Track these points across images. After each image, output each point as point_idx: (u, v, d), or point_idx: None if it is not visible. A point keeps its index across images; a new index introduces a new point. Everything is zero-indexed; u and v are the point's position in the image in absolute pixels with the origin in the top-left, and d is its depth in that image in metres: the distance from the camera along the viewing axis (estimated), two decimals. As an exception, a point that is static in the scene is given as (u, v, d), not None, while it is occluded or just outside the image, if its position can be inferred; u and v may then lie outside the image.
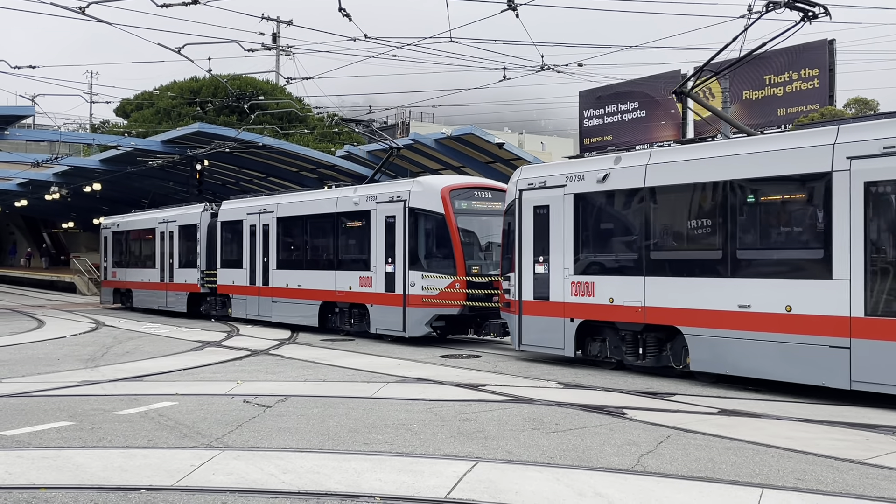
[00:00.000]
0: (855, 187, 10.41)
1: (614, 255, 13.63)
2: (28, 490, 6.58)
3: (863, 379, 10.31)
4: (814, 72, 32.14)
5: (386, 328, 18.47)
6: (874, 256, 10.25)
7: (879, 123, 10.57)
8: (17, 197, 49.58)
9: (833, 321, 10.56)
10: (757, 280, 11.49)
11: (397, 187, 18.70)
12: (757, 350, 11.45)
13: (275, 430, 8.84)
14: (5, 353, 16.64)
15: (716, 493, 6.52)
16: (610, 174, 13.55)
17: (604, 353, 13.96)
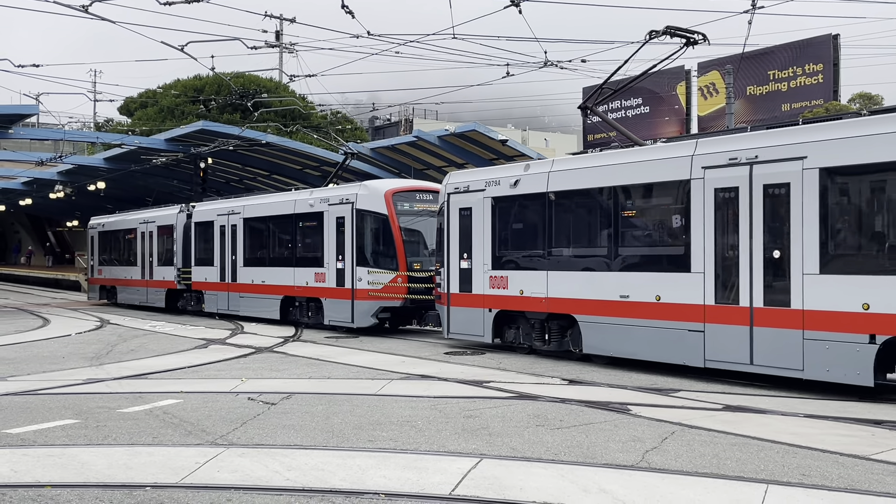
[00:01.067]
0: (707, 193, 12.10)
1: (524, 252, 15.23)
2: (33, 488, 6.59)
3: (713, 358, 11.98)
4: (818, 67, 32.05)
5: (337, 320, 20.03)
6: (722, 252, 11.89)
7: (727, 138, 12.27)
8: (21, 196, 49.69)
9: (691, 308, 12.23)
10: (634, 273, 13.19)
11: (346, 190, 20.34)
12: (635, 334, 13.11)
13: (279, 428, 8.85)
14: (10, 351, 16.68)
15: (721, 489, 6.51)
16: (520, 180, 15.21)
17: (517, 339, 15.56)
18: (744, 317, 11.53)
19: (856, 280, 10.40)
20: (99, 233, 34.23)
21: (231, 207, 24.75)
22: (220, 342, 18.27)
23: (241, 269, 23.97)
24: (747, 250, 11.54)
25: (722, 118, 31.21)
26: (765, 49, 33.33)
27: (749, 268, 11.51)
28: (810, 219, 10.85)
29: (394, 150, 32.11)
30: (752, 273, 11.49)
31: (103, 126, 60.13)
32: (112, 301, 32.67)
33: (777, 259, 11.21)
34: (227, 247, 24.71)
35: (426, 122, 57.88)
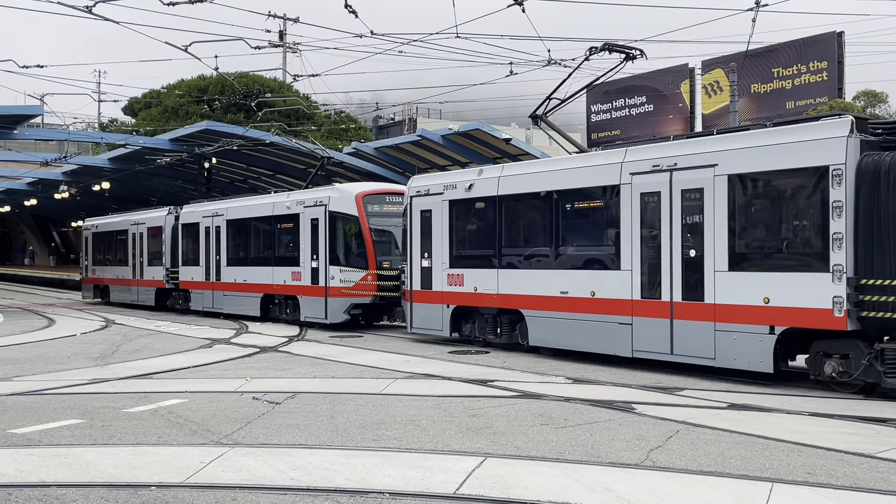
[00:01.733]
0: (634, 197, 13.16)
1: (478, 251, 16.38)
2: (39, 488, 6.61)
3: (640, 348, 13.11)
4: (822, 64, 31.98)
5: (312, 316, 21.15)
6: (647, 252, 12.97)
7: (652, 146, 13.32)
8: (26, 196, 49.83)
9: (621, 303, 13.34)
10: (573, 271, 14.32)
11: (320, 193, 21.43)
12: (574, 327, 14.24)
13: (284, 427, 8.86)
14: (16, 351, 16.72)
15: (726, 488, 6.50)
16: (474, 184, 16.29)
17: (473, 333, 16.69)
18: (665, 311, 12.67)
19: (758, 277, 11.51)
20: (93, 234, 35.08)
21: (215, 209, 25.84)
22: (225, 342, 18.30)
23: (225, 268, 25.02)
24: (668, 250, 12.63)
25: (726, 116, 31.15)
26: (769, 47, 33.26)
27: (670, 266, 12.61)
28: (720, 221, 11.92)
29: (397, 149, 32.11)
30: (672, 271, 12.58)
31: (108, 126, 60.23)
32: (105, 300, 33.46)
33: (693, 258, 12.30)
34: (211, 247, 25.75)
35: (430, 121, 57.83)
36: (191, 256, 27.05)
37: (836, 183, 10.66)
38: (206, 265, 25.96)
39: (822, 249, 10.84)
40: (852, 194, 10.57)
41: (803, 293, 10.95)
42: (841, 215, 10.60)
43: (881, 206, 10.33)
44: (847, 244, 10.57)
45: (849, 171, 10.58)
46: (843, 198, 10.56)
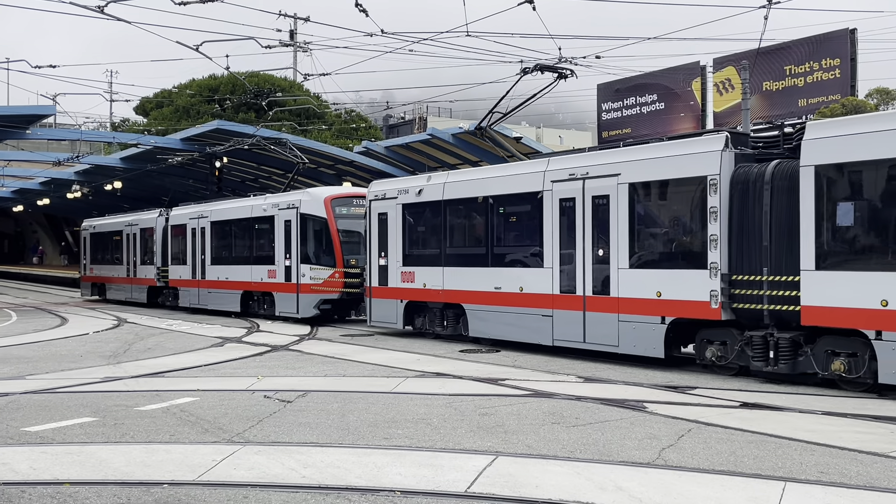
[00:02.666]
0: (554, 202, 14.68)
1: (426, 251, 17.85)
2: (52, 485, 6.65)
3: (559, 338, 14.62)
4: (835, 62, 31.78)
5: (285, 311, 22.60)
6: (565, 251, 14.47)
7: (570, 157, 14.94)
8: (39, 195, 50.10)
9: (544, 297, 14.85)
10: (505, 269, 15.85)
11: (293, 197, 22.93)
12: (505, 319, 15.77)
13: (295, 425, 8.88)
14: (29, 350, 16.82)
15: (738, 487, 6.47)
16: (423, 189, 17.82)
17: (424, 326, 18.19)
18: (579, 304, 14.22)
19: (652, 273, 13.05)
20: (90, 234, 36.53)
21: (200, 212, 27.39)
22: (236, 340, 18.36)
23: (209, 267, 26.61)
24: (582, 250, 14.18)
25: (738, 114, 31.01)
26: (781, 44, 33.09)
27: (583, 264, 14.16)
28: (623, 224, 13.47)
29: (408, 148, 32.13)
30: (584, 268, 14.14)
31: (119, 126, 60.50)
32: (103, 297, 35.06)
33: (602, 256, 13.85)
34: (197, 247, 27.30)
35: (440, 120, 57.83)
36: (179, 256, 28.57)
37: (712, 191, 12.13)
38: (193, 264, 27.50)
39: (701, 249, 12.32)
40: (726, 201, 12.02)
41: (687, 288, 12.47)
42: (716, 219, 12.07)
43: (749, 211, 11.76)
44: (721, 244, 12.04)
45: (723, 181, 12.04)
46: (718, 204, 12.03)
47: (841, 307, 10.65)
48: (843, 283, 10.65)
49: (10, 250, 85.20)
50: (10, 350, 16.74)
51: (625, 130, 38.54)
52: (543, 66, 16.22)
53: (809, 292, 10.95)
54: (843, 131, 10.85)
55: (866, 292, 10.40)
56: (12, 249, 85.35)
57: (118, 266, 33.31)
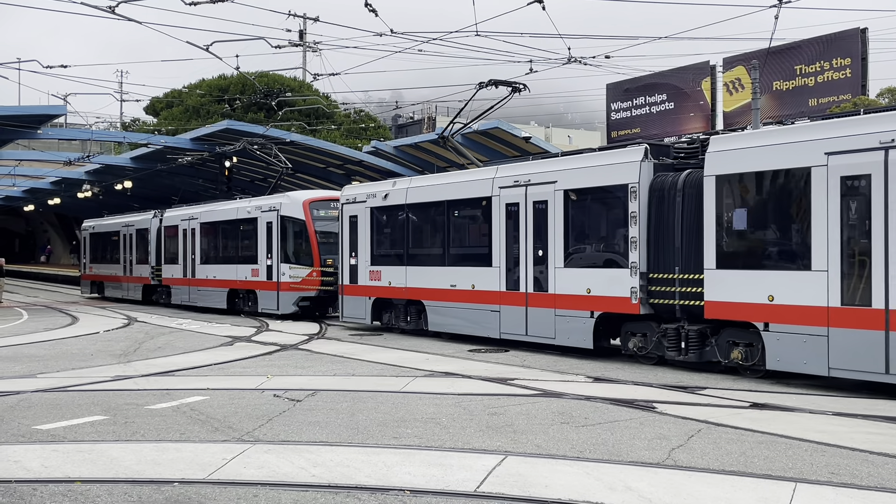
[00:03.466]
0: (501, 206, 15.93)
1: (392, 251, 19.17)
2: (63, 483, 6.68)
3: (505, 331, 15.89)
4: (846, 61, 31.63)
5: (267, 308, 23.90)
6: (510, 251, 15.76)
7: (516, 164, 16.09)
8: (50, 195, 50.32)
9: (493, 294, 16.14)
10: (459, 268, 17.14)
11: (274, 200, 24.23)
12: (460, 314, 17.06)
13: (305, 424, 8.90)
14: (40, 348, 16.91)
15: (748, 487, 6.45)
16: (389, 194, 19.08)
17: (390, 321, 19.39)
18: (522, 300, 15.50)
19: (583, 272, 14.37)
20: (90, 234, 38.01)
21: (191, 213, 28.63)
22: (246, 339, 18.40)
23: (199, 266, 27.94)
24: (524, 250, 15.41)
25: (748, 114, 30.91)
26: (791, 43, 32.97)
27: (525, 263, 15.39)
28: (559, 227, 14.70)
29: (417, 147, 32.15)
30: (527, 267, 15.37)
31: (130, 126, 60.72)
32: (102, 295, 36.50)
33: (541, 257, 15.08)
34: (188, 248, 28.64)
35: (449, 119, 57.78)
36: (172, 256, 29.90)
37: (632, 198, 13.39)
38: (184, 264, 28.86)
39: (623, 250, 13.64)
40: (645, 207, 13.30)
41: (612, 285, 13.76)
42: (636, 223, 13.36)
43: (665, 216, 13.03)
44: (641, 246, 13.34)
45: (642, 189, 13.30)
46: (637, 209, 13.32)
47: (736, 302, 12.01)
48: (737, 280, 11.98)
49: (20, 249, 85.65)
50: (21, 349, 16.83)
51: (634, 130, 38.45)
52: (497, 81, 17.65)
53: (711, 289, 12.28)
54: (738, 145, 12.11)
55: (756, 289, 11.71)
56: (23, 249, 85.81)
57: (116, 265, 34.69)
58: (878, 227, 10.37)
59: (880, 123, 10.51)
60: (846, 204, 10.76)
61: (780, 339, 11.41)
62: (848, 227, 10.75)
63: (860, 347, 10.49)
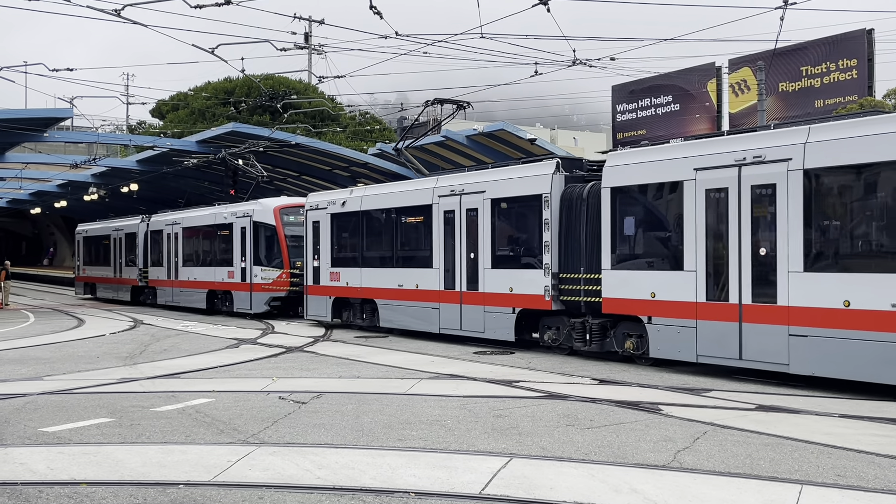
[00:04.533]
0: (440, 213, 17.62)
1: (349, 254, 20.80)
2: (69, 485, 6.70)
3: (444, 327, 17.56)
4: (852, 62, 31.53)
5: (242, 308, 25.56)
6: (448, 254, 17.41)
7: (452, 176, 17.84)
8: (56, 198, 50.45)
9: (433, 293, 17.79)
10: (405, 269, 18.69)
11: (247, 206, 26.06)
12: (406, 311, 18.64)
13: (310, 427, 8.90)
14: (47, 351, 16.96)
15: (754, 490, 6.44)
16: (346, 201, 20.80)
17: (348, 318, 21.01)
18: (458, 298, 17.19)
19: (507, 272, 15.99)
20: (83, 238, 39.92)
21: (174, 219, 30.48)
22: (252, 342, 18.43)
23: (181, 268, 29.73)
24: (459, 252, 17.06)
25: (753, 115, 30.84)
26: (797, 45, 32.87)
27: (460, 265, 17.05)
28: (486, 232, 16.42)
29: (422, 150, 32.14)
30: (461, 268, 17.04)
31: (136, 129, 60.87)
32: (94, 296, 38.34)
33: (473, 259, 16.77)
34: (171, 251, 30.42)
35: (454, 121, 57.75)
36: (157, 259, 31.69)
37: (546, 206, 15.06)
38: (168, 266, 30.64)
39: (539, 253, 15.30)
40: (557, 214, 14.99)
41: (530, 284, 15.43)
42: (549, 229, 15.02)
43: (573, 223, 14.73)
44: (553, 249, 15.02)
45: (554, 198, 14.98)
46: (550, 217, 15.00)
47: (626, 298, 13.70)
48: (627, 279, 13.67)
49: (27, 252, 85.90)
50: (27, 351, 16.88)
51: (640, 132, 38.39)
52: (442, 99, 19.74)
53: (607, 287, 13.97)
54: (628, 161, 13.75)
55: (642, 286, 13.42)
56: (29, 251, 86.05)
57: (107, 267, 36.55)
58: (733, 232, 12.09)
59: (736, 144, 12.24)
60: (709, 213, 12.46)
61: (660, 330, 13.16)
62: (711, 233, 12.43)
63: (721, 337, 12.23)
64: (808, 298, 11.20)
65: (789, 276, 11.42)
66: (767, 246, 11.73)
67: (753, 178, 11.90)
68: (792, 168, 11.44)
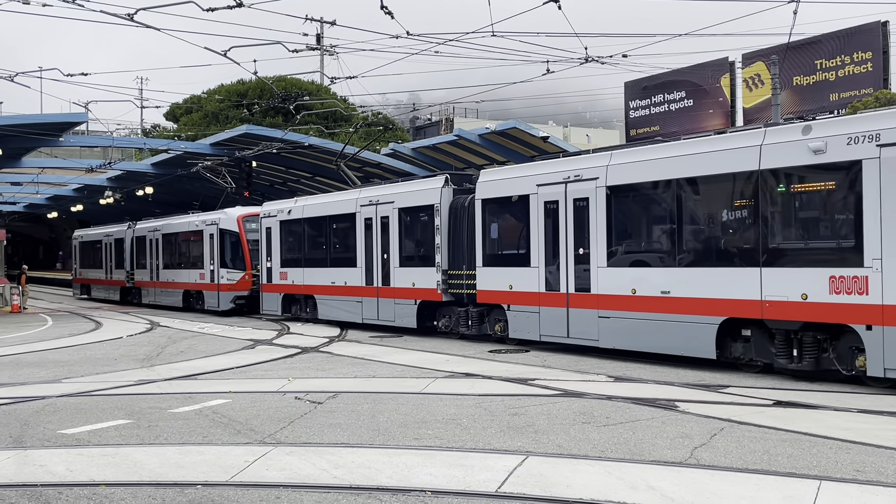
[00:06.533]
0: (361, 220, 20.62)
1: (294, 255, 23.86)
2: (88, 486, 6.74)
3: (366, 318, 20.54)
4: (867, 55, 31.27)
5: (211, 306, 28.71)
6: (367, 254, 20.39)
7: (371, 188, 20.96)
8: (72, 202, 50.78)
9: (358, 289, 20.80)
10: (336, 268, 21.72)
11: (215, 215, 29.04)
12: (338, 305, 21.73)
13: (326, 426, 8.93)
14: (65, 353, 17.08)
15: (772, 486, 6.40)
16: (292, 209, 23.91)
17: (296, 312, 23.95)
18: (374, 293, 20.16)
19: (411, 270, 18.94)
20: (79, 243, 43.49)
21: (155, 226, 33.65)
22: (267, 343, 18.50)
23: (162, 271, 32.89)
24: (376, 254, 20.09)
25: (768, 109, 30.66)
26: (811, 38, 32.64)
27: (377, 264, 20.06)
28: (395, 236, 19.41)
29: (435, 149, 32.15)
30: (377, 267, 20.06)
31: (150, 132, 61.19)
32: (89, 296, 41.60)
33: (386, 259, 19.66)
34: (153, 255, 33.68)
35: (467, 120, 57.70)
36: (142, 262, 35.03)
37: (437, 215, 18.08)
38: (150, 268, 33.96)
39: (433, 253, 18.21)
40: (446, 221, 17.97)
41: (427, 279, 18.40)
42: (440, 233, 18.03)
43: (458, 228, 17.67)
44: (443, 250, 18.00)
45: (443, 207, 18.04)
46: (440, 223, 18.05)
47: (493, 290, 16.74)
48: (493, 274, 16.73)
49: (44, 256, 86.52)
50: (46, 354, 17.01)
51: (653, 128, 38.23)
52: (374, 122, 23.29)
53: (480, 281, 17.03)
54: (493, 177, 16.95)
55: (503, 280, 16.42)
56: (47, 255, 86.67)
57: (99, 270, 40.00)
58: (562, 236, 15.08)
59: (565, 165, 15.16)
60: (547, 221, 15.40)
61: (516, 315, 16.18)
62: (548, 237, 15.37)
63: (555, 320, 15.23)
64: (609, 288, 14.19)
65: (598, 271, 14.39)
66: (584, 247, 14.65)
67: (574, 193, 14.84)
68: (599, 185, 14.36)
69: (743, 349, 12.40)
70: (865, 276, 10.55)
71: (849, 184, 10.78)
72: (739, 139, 12.30)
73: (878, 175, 10.42)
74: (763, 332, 12.06)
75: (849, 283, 10.74)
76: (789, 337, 11.63)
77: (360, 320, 20.69)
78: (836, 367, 11.20)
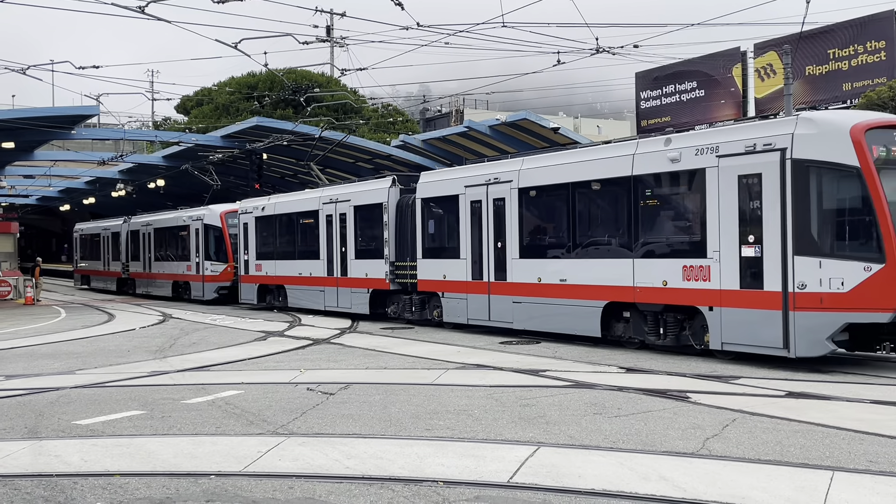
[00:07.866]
0: (323, 217, 22.83)
1: (268, 249, 25.99)
2: (103, 476, 6.80)
3: (327, 305, 22.76)
4: (880, 44, 31.01)
5: (197, 296, 30.86)
6: (329, 248, 22.57)
7: (331, 188, 23.44)
8: (85, 195, 51.02)
9: (321, 279, 23.01)
10: (303, 261, 23.85)
11: (200, 211, 31.10)
12: (304, 294, 23.94)
13: (338, 417, 8.96)
14: (79, 345, 17.20)
15: (784, 476, 6.39)
16: (265, 206, 26.10)
17: (269, 301, 25.96)
18: (335, 282, 22.43)
19: (365, 262, 21.16)
20: (80, 236, 46.40)
21: (147, 221, 36.04)
22: (279, 334, 18.57)
23: (153, 263, 35.27)
24: (336, 247, 22.28)
25: (780, 99, 30.45)
26: (824, 27, 32.38)
27: (337, 256, 22.25)
28: (351, 231, 21.68)
29: (445, 140, 32.11)
30: (336, 259, 22.28)
31: (161, 125, 61.35)
32: (88, 286, 44.46)
33: (343, 252, 21.95)
34: (145, 248, 35.93)
35: (477, 112, 57.57)
36: (135, 254, 37.28)
37: (385, 212, 20.23)
38: (143, 261, 36.26)
39: (382, 247, 20.37)
40: (393, 217, 20.10)
41: (377, 270, 20.62)
42: (388, 229, 20.14)
43: (403, 224, 19.78)
44: (391, 243, 20.11)
45: (391, 205, 20.17)
46: (388, 220, 20.14)
47: (431, 279, 18.83)
48: (430, 265, 18.79)
49: (57, 249, 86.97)
50: (59, 346, 17.13)
51: (664, 119, 38.04)
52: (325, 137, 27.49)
53: (420, 271, 19.14)
54: (430, 179, 19.04)
55: (438, 271, 18.52)
56: (59, 248, 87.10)
57: (98, 261, 42.60)
58: (485, 232, 17.07)
59: (489, 168, 17.34)
60: (473, 218, 17.41)
61: (448, 302, 18.27)
62: (474, 232, 17.35)
63: (479, 305, 17.29)
64: (521, 276, 16.17)
65: (512, 262, 16.38)
66: (502, 241, 16.62)
67: (494, 194, 16.88)
68: (513, 187, 16.43)
69: (623, 329, 14.40)
70: (708, 265, 12.62)
71: (696, 188, 12.87)
72: (618, 149, 14.44)
73: (717, 181, 12.43)
74: (638, 314, 14.02)
75: (696, 272, 12.81)
76: (657, 318, 13.63)
77: (322, 307, 22.95)
78: (692, 342, 13.16)
